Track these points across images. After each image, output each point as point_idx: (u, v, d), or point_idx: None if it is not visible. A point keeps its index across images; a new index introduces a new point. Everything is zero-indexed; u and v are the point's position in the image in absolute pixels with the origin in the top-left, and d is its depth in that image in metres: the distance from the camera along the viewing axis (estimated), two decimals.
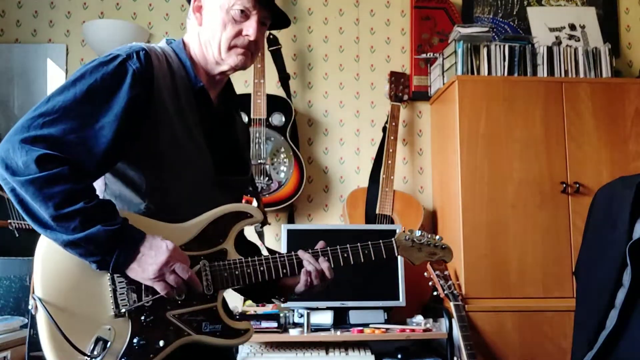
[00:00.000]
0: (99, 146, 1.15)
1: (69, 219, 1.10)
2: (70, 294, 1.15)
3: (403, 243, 1.46)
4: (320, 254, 1.38)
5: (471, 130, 2.74)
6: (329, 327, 2.66)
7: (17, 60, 3.19)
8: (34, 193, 1.08)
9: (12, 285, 2.49)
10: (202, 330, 1.21)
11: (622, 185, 1.70)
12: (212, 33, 1.32)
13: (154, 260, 1.14)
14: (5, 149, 1.11)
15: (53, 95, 1.16)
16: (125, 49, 1.24)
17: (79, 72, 1.19)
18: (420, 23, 3.28)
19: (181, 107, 1.28)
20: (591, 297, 1.68)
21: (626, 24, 3.41)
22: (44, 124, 1.12)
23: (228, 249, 1.28)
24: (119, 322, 1.16)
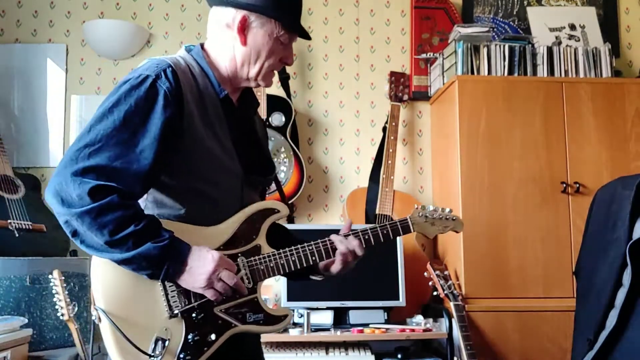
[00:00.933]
0: (142, 169, 1.24)
1: (122, 242, 1.21)
2: (128, 303, 1.26)
3: (417, 220, 1.54)
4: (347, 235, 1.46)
5: (471, 130, 2.74)
6: (329, 327, 2.66)
7: (17, 60, 3.19)
8: (90, 223, 1.19)
9: (12, 285, 2.49)
10: (247, 321, 1.33)
11: (622, 186, 1.70)
12: (256, 57, 1.39)
13: (202, 270, 1.25)
14: (59, 183, 1.20)
15: (93, 125, 1.25)
16: (152, 67, 1.30)
17: (114, 98, 1.26)
18: (420, 23, 3.28)
19: (209, 117, 1.35)
20: (591, 297, 1.68)
21: (626, 24, 3.41)
22: (90, 154, 1.21)
23: (262, 244, 1.39)
24: (174, 322, 1.27)
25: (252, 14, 1.36)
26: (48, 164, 3.14)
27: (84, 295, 2.74)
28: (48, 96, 3.19)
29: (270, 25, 1.37)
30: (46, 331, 2.54)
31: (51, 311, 2.55)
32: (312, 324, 2.62)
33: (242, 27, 1.37)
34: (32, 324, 2.47)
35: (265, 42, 1.38)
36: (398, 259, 2.77)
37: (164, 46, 3.26)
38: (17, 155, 3.12)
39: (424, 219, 1.55)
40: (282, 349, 2.52)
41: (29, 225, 2.65)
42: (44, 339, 2.53)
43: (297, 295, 2.68)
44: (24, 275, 2.53)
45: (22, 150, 3.13)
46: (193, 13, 3.28)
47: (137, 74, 1.29)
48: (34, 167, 3.13)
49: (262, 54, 1.39)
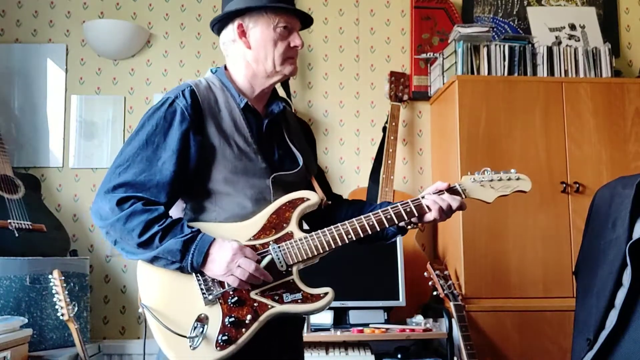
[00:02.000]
0: (164, 179, 1.40)
1: (149, 242, 1.35)
2: (168, 296, 1.39)
3: (468, 186, 1.56)
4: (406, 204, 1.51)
5: (471, 130, 2.74)
6: (329, 327, 2.66)
7: (17, 60, 3.19)
8: (121, 229, 1.35)
9: (12, 285, 2.49)
10: (285, 301, 1.40)
11: (622, 185, 1.70)
12: (264, 51, 1.50)
13: (220, 258, 1.36)
14: (97, 202, 1.39)
15: (124, 148, 1.43)
16: (175, 90, 1.47)
17: (140, 123, 1.44)
18: (420, 23, 3.28)
19: (226, 126, 1.48)
20: (591, 297, 1.67)
21: (626, 24, 3.41)
22: (120, 174, 1.40)
23: (293, 231, 1.47)
24: (211, 308, 1.38)
25: (245, 18, 1.50)
26: (48, 164, 3.14)
27: (84, 295, 2.74)
28: (48, 96, 3.19)
29: (263, 19, 1.49)
30: (46, 331, 2.54)
31: (51, 311, 2.55)
32: (312, 324, 2.62)
33: (241, 33, 1.51)
34: (32, 324, 2.47)
35: (266, 35, 1.50)
36: (398, 259, 2.77)
37: (164, 46, 3.26)
38: (17, 155, 3.12)
39: (478, 183, 1.56)
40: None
41: (29, 225, 2.65)
42: (44, 339, 2.53)
43: None
44: (24, 275, 2.53)
45: (22, 150, 3.13)
46: (193, 13, 3.28)
47: (161, 98, 1.47)
48: (34, 167, 3.13)
49: (267, 46, 1.50)
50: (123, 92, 3.22)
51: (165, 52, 3.26)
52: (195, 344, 1.34)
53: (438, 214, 1.50)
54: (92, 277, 3.01)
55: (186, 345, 1.34)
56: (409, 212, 1.50)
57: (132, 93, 3.22)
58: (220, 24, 1.55)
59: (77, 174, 3.15)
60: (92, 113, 3.19)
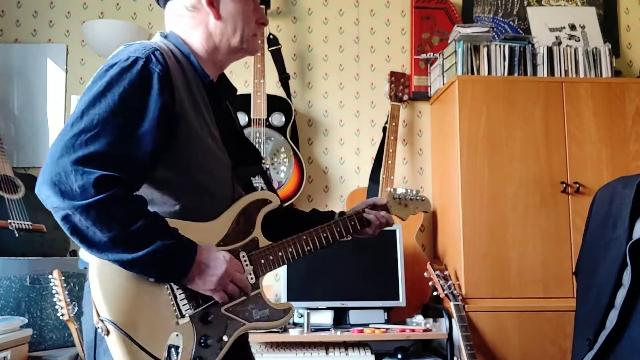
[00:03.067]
0: (142, 157, 1.15)
1: (130, 239, 1.10)
2: (134, 310, 1.15)
3: (392, 202, 1.63)
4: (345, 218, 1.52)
5: (471, 130, 2.74)
6: (329, 327, 2.66)
7: (17, 60, 3.19)
8: (95, 217, 1.07)
9: (12, 285, 2.49)
10: (254, 318, 1.31)
11: (622, 185, 1.70)
12: (234, 25, 1.34)
13: (214, 272, 1.20)
14: (56, 173, 1.07)
15: (85, 109, 1.13)
16: (140, 50, 1.20)
17: (104, 81, 1.16)
18: (420, 23, 3.28)
19: (197, 104, 1.29)
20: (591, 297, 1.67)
21: (626, 24, 3.41)
22: (87, 141, 1.10)
23: (258, 237, 1.36)
24: (184, 327, 1.20)
25: None
26: None
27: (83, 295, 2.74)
28: (48, 96, 3.19)
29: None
30: (46, 331, 2.54)
31: (51, 311, 2.55)
32: (312, 324, 2.62)
33: (209, 1, 1.33)
34: (32, 324, 2.47)
35: (238, 8, 1.35)
36: (398, 259, 2.77)
37: None
38: (17, 155, 3.12)
39: (398, 201, 1.64)
40: (282, 349, 2.52)
41: (29, 225, 2.65)
42: (44, 339, 2.53)
43: (297, 295, 2.68)
44: (24, 275, 2.53)
45: (22, 150, 3.13)
46: None
47: (124, 56, 1.19)
48: (34, 167, 3.13)
49: (238, 20, 1.35)
50: None
51: None
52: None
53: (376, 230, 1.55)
54: None
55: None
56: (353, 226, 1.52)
57: None
58: None
59: None
60: None
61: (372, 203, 1.58)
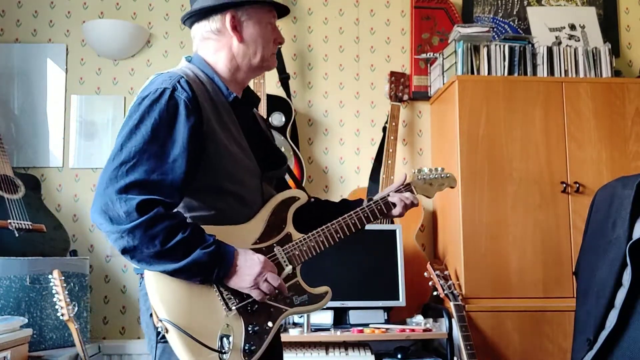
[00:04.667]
0: (177, 177, 1.32)
1: (173, 251, 1.27)
2: (188, 308, 1.33)
3: (417, 183, 1.70)
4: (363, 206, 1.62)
5: (471, 130, 2.74)
6: (329, 327, 2.66)
7: (17, 60, 3.19)
8: (141, 236, 1.24)
9: (12, 285, 2.49)
10: (295, 304, 1.46)
11: (622, 185, 1.70)
12: (255, 46, 1.49)
13: (249, 271, 1.35)
14: (104, 203, 1.25)
15: (124, 143, 1.30)
16: (167, 80, 1.36)
17: (138, 115, 1.32)
18: (420, 23, 3.28)
19: (224, 120, 1.43)
20: (591, 297, 1.67)
21: (626, 24, 3.41)
22: (127, 171, 1.27)
23: (291, 232, 1.50)
24: (232, 318, 1.37)
25: (238, 10, 1.47)
26: (48, 164, 3.14)
27: (83, 295, 2.74)
28: (48, 96, 3.19)
29: (255, 14, 1.49)
30: (46, 331, 2.54)
31: (51, 311, 2.55)
32: (312, 324, 2.62)
33: (233, 25, 1.47)
34: (32, 324, 2.47)
35: (259, 31, 1.49)
36: (398, 259, 2.77)
37: (164, 46, 3.26)
38: (17, 155, 3.12)
39: (422, 181, 1.71)
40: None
41: (29, 225, 2.65)
42: (44, 339, 2.54)
43: None
44: (24, 275, 2.53)
45: (22, 150, 3.13)
46: None
47: (153, 88, 1.35)
48: (34, 167, 3.13)
49: (259, 42, 1.49)
50: (123, 92, 3.22)
51: (165, 52, 3.26)
52: (225, 357, 1.33)
53: (402, 210, 1.64)
54: (92, 277, 3.01)
55: (215, 358, 1.32)
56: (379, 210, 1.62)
57: (132, 93, 3.22)
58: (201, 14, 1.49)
59: (77, 174, 3.16)
60: (92, 113, 3.19)
61: (396, 187, 1.67)
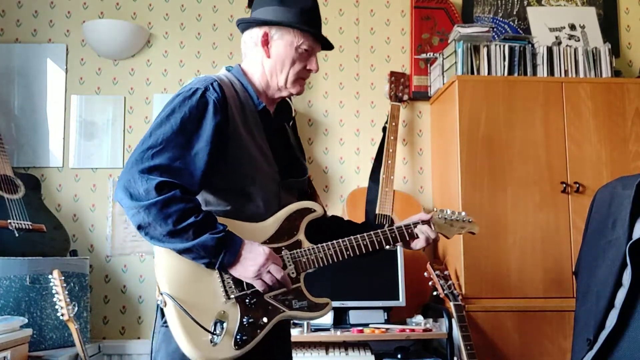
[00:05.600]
0: (198, 169, 1.42)
1: (184, 232, 1.35)
2: (190, 287, 1.40)
3: (437, 221, 1.70)
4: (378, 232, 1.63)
5: (471, 130, 2.74)
6: (329, 327, 2.66)
7: (17, 60, 3.19)
8: (156, 214, 1.33)
9: (12, 285, 2.49)
10: (293, 307, 1.49)
11: (622, 185, 1.70)
12: (281, 66, 1.56)
13: (253, 262, 1.40)
14: (127, 180, 1.36)
15: (154, 130, 1.41)
16: (201, 81, 1.48)
17: (170, 108, 1.44)
18: (420, 23, 3.28)
19: (249, 126, 1.52)
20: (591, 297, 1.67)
21: (626, 24, 3.42)
22: (153, 155, 1.38)
23: (302, 240, 1.54)
24: (230, 306, 1.42)
25: (272, 28, 1.54)
26: (48, 164, 3.14)
27: (84, 295, 2.74)
28: (48, 96, 3.19)
29: (289, 36, 1.54)
30: (46, 331, 2.55)
31: (51, 311, 2.55)
32: (312, 324, 2.62)
33: (264, 41, 1.55)
34: (32, 324, 2.47)
35: (287, 52, 1.54)
36: (398, 259, 2.77)
37: (164, 46, 3.26)
38: (17, 155, 3.12)
39: (443, 220, 1.71)
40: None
41: (29, 225, 2.65)
42: (44, 339, 2.54)
43: None
44: (24, 275, 2.53)
45: (22, 150, 3.13)
46: (193, 13, 3.28)
47: (187, 87, 1.47)
48: (34, 167, 3.13)
49: (285, 63, 1.55)
50: (123, 92, 3.22)
51: (165, 52, 3.26)
52: (216, 340, 1.37)
53: (425, 243, 1.65)
54: (92, 277, 3.01)
55: (206, 340, 1.36)
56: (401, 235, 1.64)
57: (132, 93, 3.22)
58: (247, 24, 1.59)
59: (77, 174, 3.16)
60: (92, 113, 3.19)
61: (417, 220, 1.68)
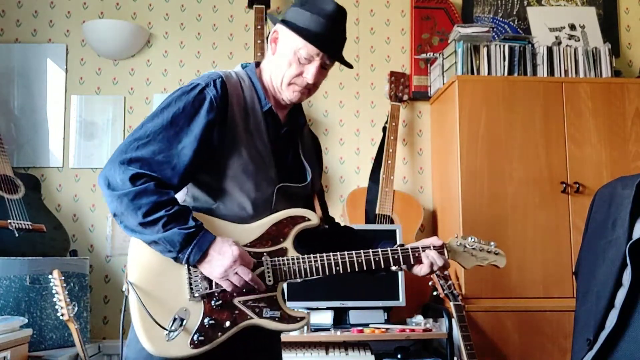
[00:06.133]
0: (181, 163, 1.40)
1: (153, 223, 1.34)
2: (155, 280, 1.38)
3: (454, 248, 1.58)
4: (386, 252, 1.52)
5: (471, 130, 2.74)
6: (329, 327, 2.66)
7: (17, 60, 3.19)
8: (127, 204, 1.34)
9: (12, 285, 2.49)
10: (263, 315, 1.42)
11: (622, 185, 1.70)
12: (279, 67, 1.52)
13: (220, 262, 1.36)
14: (109, 169, 1.38)
15: (145, 122, 1.42)
16: (205, 77, 1.47)
17: (166, 102, 1.43)
18: (420, 23, 3.28)
19: (251, 126, 1.49)
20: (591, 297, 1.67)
21: (626, 24, 3.41)
22: (137, 147, 1.38)
23: (288, 248, 1.48)
24: (193, 304, 1.38)
25: (282, 28, 1.52)
26: (48, 164, 3.14)
27: (83, 295, 2.74)
28: (48, 96, 3.19)
29: (292, 39, 1.49)
30: (46, 331, 2.54)
31: (51, 311, 2.55)
32: (312, 324, 2.62)
33: (274, 38, 1.54)
34: (32, 324, 2.47)
35: (287, 53, 1.49)
36: None
37: (164, 46, 3.26)
38: (17, 155, 3.12)
39: (462, 248, 1.58)
40: (282, 348, 2.52)
41: (29, 225, 2.65)
42: (44, 339, 2.53)
43: (297, 295, 2.67)
44: (24, 275, 2.53)
45: (22, 150, 3.13)
46: (193, 13, 3.28)
47: (190, 82, 1.47)
48: (34, 167, 3.13)
49: (283, 63, 1.50)
50: (123, 92, 3.22)
51: (165, 52, 3.26)
52: (171, 337, 1.34)
53: (429, 269, 1.53)
54: (92, 277, 3.01)
55: (162, 334, 1.34)
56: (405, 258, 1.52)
57: (132, 93, 3.22)
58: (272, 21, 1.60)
59: (77, 174, 3.16)
60: (92, 113, 3.19)
61: (429, 244, 1.56)
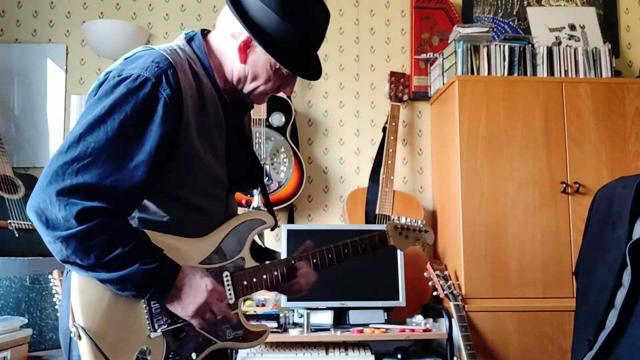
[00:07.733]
0: (134, 185, 1.15)
1: (108, 265, 1.12)
2: (108, 319, 1.18)
3: (392, 232, 1.57)
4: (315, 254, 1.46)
5: (471, 130, 2.74)
6: (328, 327, 2.65)
7: (17, 60, 3.18)
8: (75, 247, 1.10)
9: (12, 285, 2.49)
10: (227, 337, 1.31)
11: (622, 185, 1.70)
12: (253, 78, 1.31)
13: (193, 300, 1.19)
14: (43, 201, 1.10)
15: (83, 134, 1.12)
16: (152, 68, 1.18)
17: (109, 103, 1.14)
18: (420, 23, 3.28)
19: (206, 123, 1.28)
20: (591, 297, 1.67)
21: (626, 24, 3.41)
22: (78, 170, 1.10)
23: (245, 257, 1.36)
24: (155, 341, 1.22)
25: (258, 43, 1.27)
26: None
27: None
28: (48, 96, 3.19)
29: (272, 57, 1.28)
30: (46, 331, 2.54)
31: (51, 311, 2.55)
32: (312, 324, 2.62)
33: (245, 46, 1.28)
34: (32, 324, 2.47)
35: (265, 69, 1.30)
36: (398, 259, 2.77)
37: None
38: (17, 155, 3.12)
39: (399, 231, 1.58)
40: (282, 349, 2.52)
41: (29, 225, 2.65)
42: (44, 339, 2.53)
43: None
44: (24, 275, 2.53)
45: (22, 150, 3.13)
46: (193, 13, 3.28)
47: (135, 73, 1.17)
48: (34, 167, 3.13)
49: (259, 78, 1.31)
50: None
51: None
52: None
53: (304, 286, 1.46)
54: None
55: None
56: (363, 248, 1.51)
57: None
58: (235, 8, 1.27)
59: None
60: None
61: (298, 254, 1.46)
